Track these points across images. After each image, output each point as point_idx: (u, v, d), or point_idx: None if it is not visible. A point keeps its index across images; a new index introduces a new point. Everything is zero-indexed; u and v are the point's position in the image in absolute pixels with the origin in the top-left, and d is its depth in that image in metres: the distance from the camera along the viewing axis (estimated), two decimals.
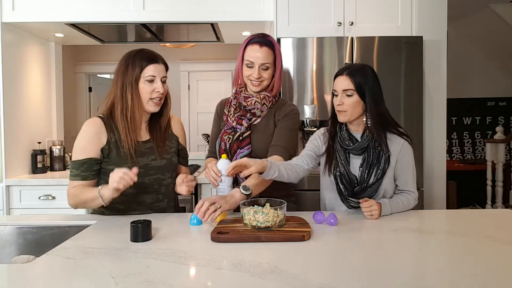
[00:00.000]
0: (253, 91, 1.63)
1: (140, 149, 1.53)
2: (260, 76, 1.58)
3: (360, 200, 1.45)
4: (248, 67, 1.60)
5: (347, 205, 1.53)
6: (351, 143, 1.52)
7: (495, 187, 4.01)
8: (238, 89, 1.67)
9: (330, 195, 1.59)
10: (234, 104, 1.65)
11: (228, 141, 1.62)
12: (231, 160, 1.57)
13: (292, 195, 1.74)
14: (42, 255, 1.09)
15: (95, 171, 1.50)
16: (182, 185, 1.53)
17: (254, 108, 1.62)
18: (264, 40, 1.60)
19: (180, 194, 1.62)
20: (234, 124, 1.63)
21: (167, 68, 1.55)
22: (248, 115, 1.63)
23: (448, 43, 2.81)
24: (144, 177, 1.52)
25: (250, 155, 1.59)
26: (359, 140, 1.52)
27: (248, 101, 1.62)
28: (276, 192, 1.53)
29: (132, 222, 1.20)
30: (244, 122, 1.61)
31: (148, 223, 1.21)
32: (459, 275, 0.94)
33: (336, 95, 1.51)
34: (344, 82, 1.48)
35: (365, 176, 1.49)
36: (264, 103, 1.63)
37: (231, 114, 1.65)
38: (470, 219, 1.46)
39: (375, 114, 1.48)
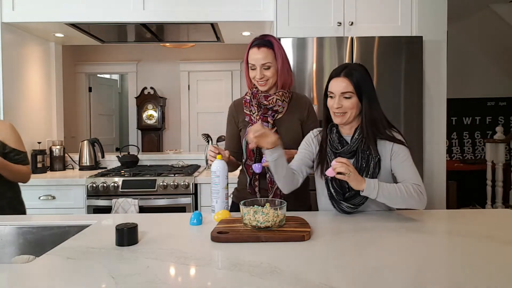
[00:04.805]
0: (262, 90, 1.70)
1: None
2: (262, 76, 1.66)
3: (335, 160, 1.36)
4: (252, 69, 1.69)
5: (338, 210, 1.48)
6: (340, 146, 1.47)
7: (495, 187, 4.01)
8: (254, 89, 1.73)
9: (323, 200, 1.55)
10: (255, 104, 1.71)
11: None
12: (260, 159, 1.64)
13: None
14: (42, 255, 1.09)
15: None
16: None
17: (275, 106, 1.68)
18: (262, 42, 1.67)
19: None
20: (259, 122, 1.67)
21: None
22: (270, 112, 1.69)
23: (448, 43, 2.81)
24: None
25: None
26: (349, 142, 1.47)
27: (269, 99, 1.68)
28: (297, 202, 1.66)
29: (117, 226, 1.17)
30: (269, 119, 1.68)
31: (134, 227, 1.17)
32: (459, 275, 0.94)
33: (332, 97, 1.45)
34: (341, 84, 1.42)
35: None
36: (283, 100, 1.70)
37: (254, 113, 1.70)
38: (470, 219, 1.46)
39: (370, 115, 1.43)
